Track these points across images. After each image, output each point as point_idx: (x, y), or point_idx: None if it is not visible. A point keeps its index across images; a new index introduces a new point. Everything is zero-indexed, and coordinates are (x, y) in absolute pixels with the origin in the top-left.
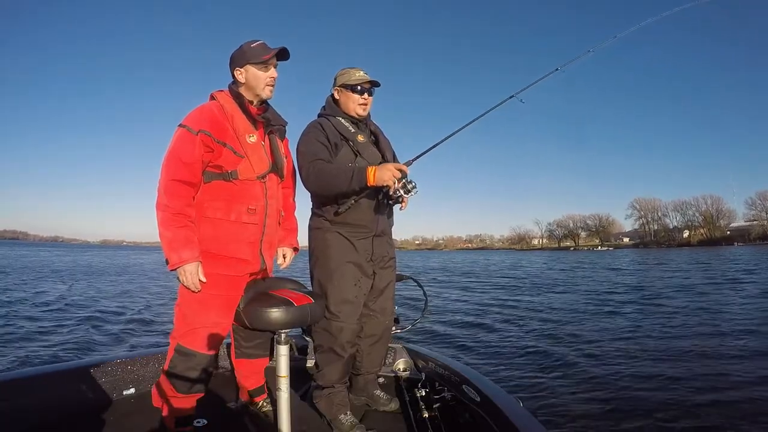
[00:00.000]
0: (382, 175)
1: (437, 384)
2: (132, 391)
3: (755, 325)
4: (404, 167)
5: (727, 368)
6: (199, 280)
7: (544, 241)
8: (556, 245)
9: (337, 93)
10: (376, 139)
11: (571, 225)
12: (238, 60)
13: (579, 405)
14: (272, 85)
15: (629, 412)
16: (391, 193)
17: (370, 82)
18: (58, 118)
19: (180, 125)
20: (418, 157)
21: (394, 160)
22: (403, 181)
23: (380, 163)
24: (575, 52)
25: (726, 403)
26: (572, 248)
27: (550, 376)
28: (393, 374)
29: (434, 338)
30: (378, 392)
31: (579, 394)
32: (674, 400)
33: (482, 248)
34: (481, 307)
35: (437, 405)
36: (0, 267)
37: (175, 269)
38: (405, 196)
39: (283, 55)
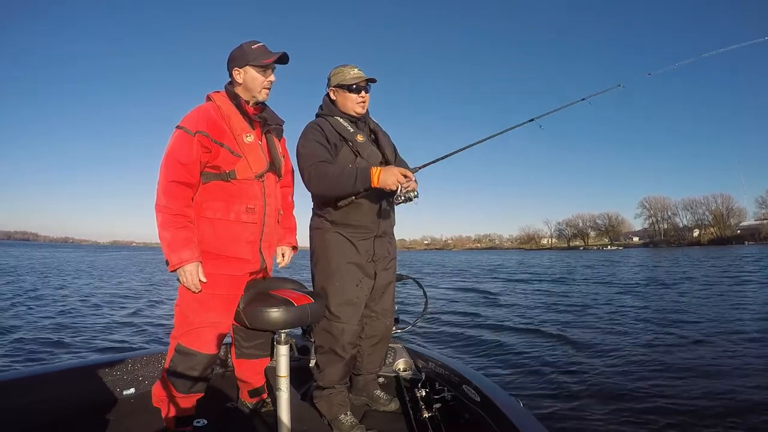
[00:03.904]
0: (386, 179)
1: (437, 384)
2: (132, 391)
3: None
4: (410, 174)
5: (737, 370)
6: (200, 280)
7: (553, 240)
8: (566, 245)
9: (333, 93)
10: (376, 137)
11: (581, 224)
12: (237, 60)
13: (580, 405)
14: (269, 88)
15: (631, 411)
16: (393, 198)
17: (366, 79)
18: (60, 120)
19: (177, 127)
20: (426, 165)
21: (395, 157)
22: (405, 186)
23: (381, 162)
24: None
25: (731, 405)
26: (581, 248)
27: (550, 375)
28: (393, 374)
29: (434, 338)
30: (378, 392)
31: (580, 394)
32: (678, 400)
33: (491, 248)
34: (482, 306)
35: (437, 405)
36: (58, 267)
37: (176, 270)
38: (405, 202)
39: (282, 59)
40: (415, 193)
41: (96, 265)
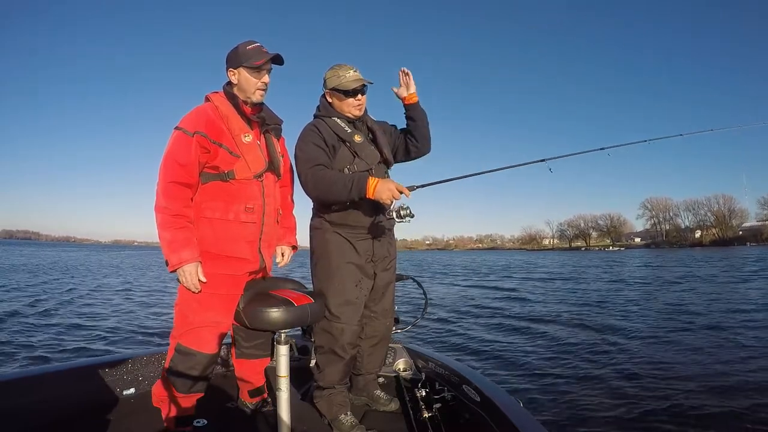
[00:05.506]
0: (382, 191)
1: (437, 384)
2: (132, 391)
3: None
4: (406, 191)
5: (737, 369)
6: (199, 280)
7: (555, 241)
8: (567, 245)
9: (329, 96)
10: (374, 135)
11: (582, 225)
12: (231, 61)
13: (579, 405)
14: (263, 90)
15: (632, 411)
16: (385, 214)
17: (362, 83)
18: (60, 121)
19: (176, 128)
20: (425, 185)
21: (396, 144)
22: (400, 204)
23: (379, 161)
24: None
25: (731, 406)
26: (583, 248)
27: (550, 375)
28: (393, 374)
29: (434, 338)
30: (378, 392)
31: (580, 394)
32: (680, 400)
33: (492, 248)
34: (482, 306)
35: (437, 405)
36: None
37: (175, 270)
38: (396, 220)
39: (276, 61)
40: (408, 211)
41: (121, 265)
